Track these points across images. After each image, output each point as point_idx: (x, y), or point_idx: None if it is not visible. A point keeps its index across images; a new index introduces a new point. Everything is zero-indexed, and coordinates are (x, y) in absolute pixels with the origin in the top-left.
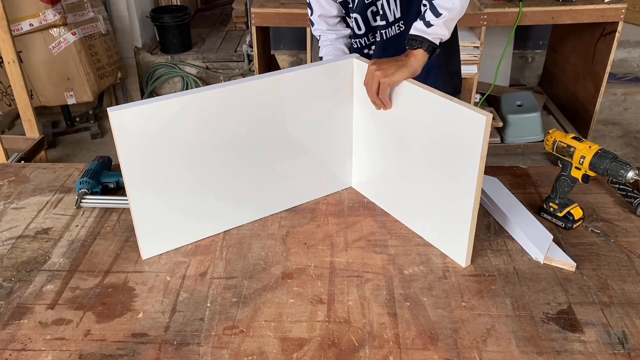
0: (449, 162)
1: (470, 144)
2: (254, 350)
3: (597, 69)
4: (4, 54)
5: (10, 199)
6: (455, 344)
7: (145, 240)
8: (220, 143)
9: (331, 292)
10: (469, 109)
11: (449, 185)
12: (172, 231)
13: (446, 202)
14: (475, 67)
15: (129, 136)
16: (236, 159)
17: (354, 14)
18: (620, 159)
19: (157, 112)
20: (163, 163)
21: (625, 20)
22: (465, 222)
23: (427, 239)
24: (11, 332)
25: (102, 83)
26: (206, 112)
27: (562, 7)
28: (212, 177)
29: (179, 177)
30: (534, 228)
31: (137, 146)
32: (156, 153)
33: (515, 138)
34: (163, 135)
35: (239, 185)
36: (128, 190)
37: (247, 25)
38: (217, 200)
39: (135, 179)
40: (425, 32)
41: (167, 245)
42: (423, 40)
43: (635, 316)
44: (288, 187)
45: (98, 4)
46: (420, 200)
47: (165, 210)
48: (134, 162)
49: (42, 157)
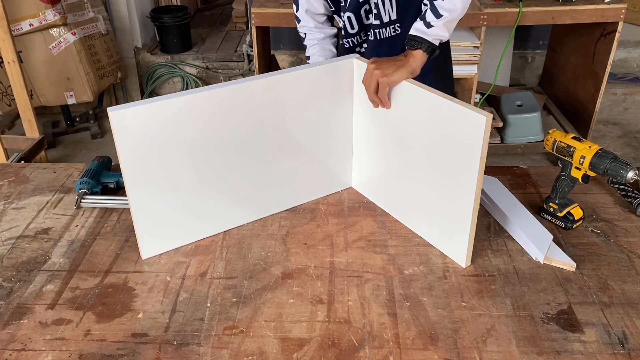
0: (449, 163)
1: (470, 144)
2: (254, 350)
3: (597, 69)
4: (4, 54)
5: (10, 199)
6: (455, 344)
7: (145, 240)
8: (220, 143)
9: (331, 292)
10: (469, 109)
11: (449, 185)
12: (172, 231)
13: (446, 203)
14: (475, 67)
15: (129, 136)
16: (236, 158)
17: (347, 12)
18: (620, 159)
19: (157, 112)
20: (163, 163)
21: (625, 20)
22: (465, 223)
23: (427, 239)
24: (11, 332)
25: (102, 83)
26: (206, 112)
27: (562, 7)
28: (212, 177)
29: (179, 177)
30: (534, 228)
31: (137, 146)
32: (156, 153)
33: (515, 138)
34: (163, 135)
35: (239, 185)
36: (128, 190)
37: (247, 25)
38: (217, 200)
39: (136, 179)
40: (425, 33)
41: (167, 245)
42: (423, 41)
43: (636, 316)
44: (288, 187)
45: (98, 4)
46: (420, 200)
47: (165, 210)
48: (134, 162)
49: (42, 157)
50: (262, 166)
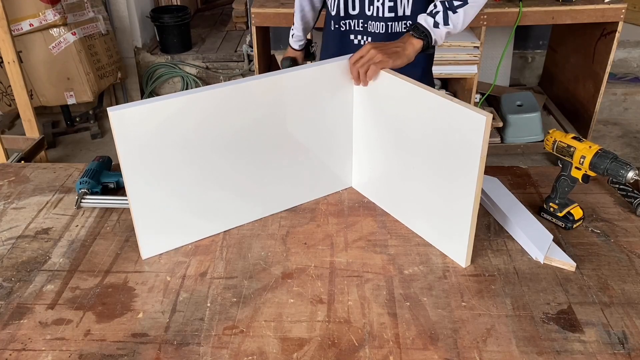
0: (449, 162)
1: (470, 144)
2: (254, 350)
3: (597, 69)
4: (4, 54)
5: (10, 199)
6: (455, 344)
7: (145, 240)
8: (219, 143)
9: (331, 292)
10: (469, 109)
11: (449, 185)
12: (173, 231)
13: (446, 202)
14: (475, 67)
15: (129, 136)
16: (236, 158)
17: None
18: (620, 159)
19: (157, 112)
20: (163, 163)
21: (625, 20)
22: (465, 222)
23: (427, 239)
24: (11, 332)
25: (102, 83)
26: (205, 112)
27: (562, 7)
28: (212, 177)
29: (179, 177)
30: (534, 228)
31: (137, 146)
32: (156, 153)
33: (515, 138)
34: (163, 135)
35: (239, 185)
36: (128, 190)
37: (247, 25)
38: (217, 201)
39: (136, 179)
40: (432, 29)
41: (167, 245)
42: (428, 34)
43: (636, 316)
44: (288, 187)
45: (98, 4)
46: (420, 200)
47: (165, 210)
48: (134, 162)
49: (42, 157)
50: (262, 166)
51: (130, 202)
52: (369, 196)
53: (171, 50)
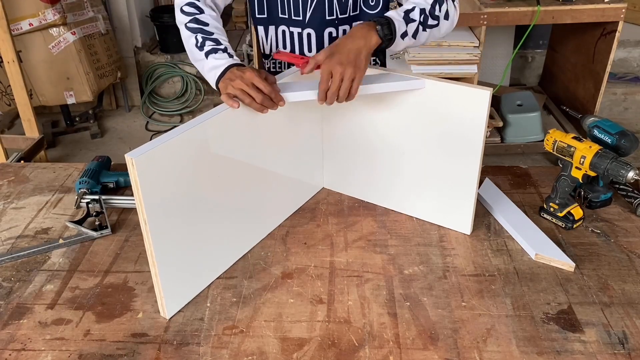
0: (450, 139)
1: (474, 118)
2: (253, 350)
3: (597, 68)
4: (4, 53)
5: (10, 198)
6: (455, 344)
7: (170, 299)
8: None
9: (331, 292)
10: (471, 87)
11: (451, 160)
12: (193, 279)
13: (447, 178)
14: (475, 66)
15: (154, 184)
16: (234, 188)
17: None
18: (620, 159)
19: (174, 151)
20: (182, 210)
21: (625, 20)
22: (470, 191)
23: (426, 218)
24: (11, 332)
25: (101, 83)
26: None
27: (562, 7)
28: (220, 212)
29: (196, 223)
30: (526, 227)
31: (159, 196)
32: (175, 201)
33: (515, 138)
34: (178, 178)
35: (243, 212)
36: (154, 250)
37: (247, 25)
38: (228, 236)
39: (162, 238)
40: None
41: (189, 295)
42: (392, 39)
43: (636, 316)
44: (280, 201)
45: (98, 3)
46: (414, 182)
47: (189, 263)
48: (158, 216)
49: (41, 157)
50: (255, 188)
51: (155, 264)
52: (364, 198)
53: (171, 50)
